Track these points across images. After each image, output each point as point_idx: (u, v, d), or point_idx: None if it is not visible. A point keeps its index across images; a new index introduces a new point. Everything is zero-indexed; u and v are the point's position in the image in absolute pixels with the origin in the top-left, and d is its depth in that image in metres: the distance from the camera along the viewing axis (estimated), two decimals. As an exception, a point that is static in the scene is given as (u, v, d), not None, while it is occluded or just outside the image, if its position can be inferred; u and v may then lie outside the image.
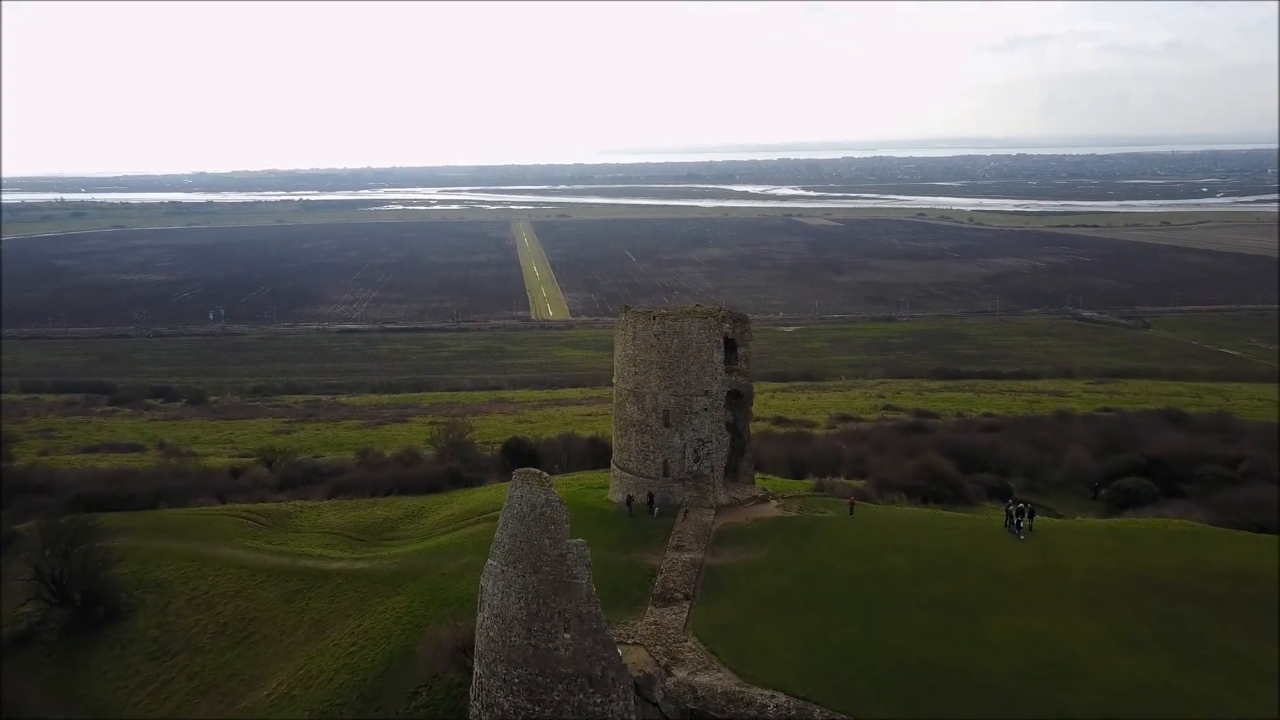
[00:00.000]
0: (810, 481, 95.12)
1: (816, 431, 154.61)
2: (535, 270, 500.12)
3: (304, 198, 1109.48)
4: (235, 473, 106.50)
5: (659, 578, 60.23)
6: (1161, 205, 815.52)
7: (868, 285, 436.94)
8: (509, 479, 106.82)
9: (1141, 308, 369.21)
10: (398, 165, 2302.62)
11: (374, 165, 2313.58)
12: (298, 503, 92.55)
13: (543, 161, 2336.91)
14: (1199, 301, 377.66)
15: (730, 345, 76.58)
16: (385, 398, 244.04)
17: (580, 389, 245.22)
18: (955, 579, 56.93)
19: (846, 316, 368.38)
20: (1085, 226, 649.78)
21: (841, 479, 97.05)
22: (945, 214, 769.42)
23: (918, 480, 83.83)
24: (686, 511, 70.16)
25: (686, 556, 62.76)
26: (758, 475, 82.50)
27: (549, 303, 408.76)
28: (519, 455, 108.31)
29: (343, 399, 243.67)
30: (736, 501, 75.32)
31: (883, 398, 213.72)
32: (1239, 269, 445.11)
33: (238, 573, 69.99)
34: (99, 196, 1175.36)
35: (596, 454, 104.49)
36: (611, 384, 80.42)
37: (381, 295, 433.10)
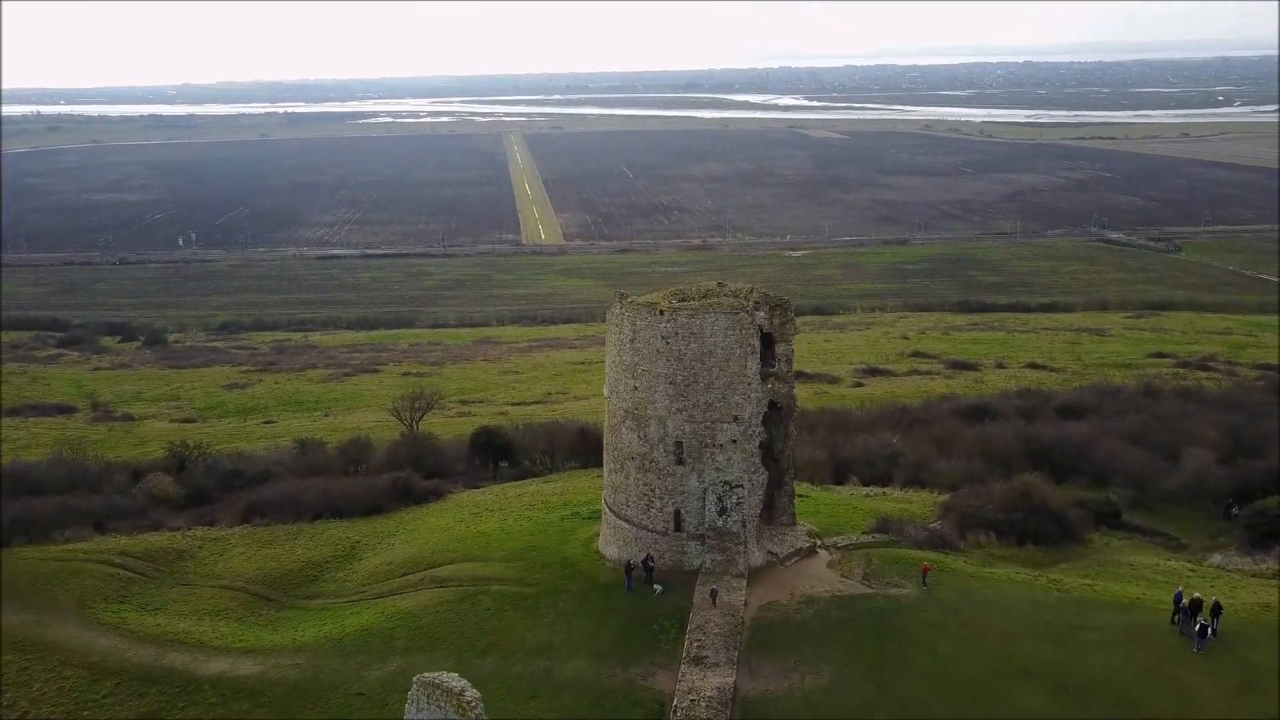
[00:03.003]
0: (860, 492, 75.26)
1: (843, 392, 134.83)
2: (527, 188, 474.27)
3: (289, 110, 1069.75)
4: (138, 475, 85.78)
5: (673, 725, 40.25)
6: (1178, 115, 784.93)
7: (878, 204, 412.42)
8: (475, 485, 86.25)
9: (1170, 228, 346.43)
10: (388, 75, 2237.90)
11: (363, 75, 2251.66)
12: (200, 531, 71.58)
13: (536, 70, 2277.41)
14: (1231, 221, 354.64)
15: (767, 341, 55.73)
16: (361, 336, 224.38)
17: (574, 325, 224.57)
18: (1132, 746, 36.99)
19: (857, 239, 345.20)
20: (1101, 138, 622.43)
21: (897, 489, 77.24)
22: (954, 126, 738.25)
23: (1010, 514, 63.26)
24: (713, 589, 49.71)
25: (713, 681, 42.59)
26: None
27: (541, 225, 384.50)
28: (490, 450, 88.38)
29: (315, 337, 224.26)
30: (775, 559, 55.02)
31: (907, 339, 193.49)
32: (1269, 184, 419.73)
33: (76, 679, 49.10)
34: (77, 109, 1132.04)
35: (588, 449, 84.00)
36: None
37: (365, 216, 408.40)
